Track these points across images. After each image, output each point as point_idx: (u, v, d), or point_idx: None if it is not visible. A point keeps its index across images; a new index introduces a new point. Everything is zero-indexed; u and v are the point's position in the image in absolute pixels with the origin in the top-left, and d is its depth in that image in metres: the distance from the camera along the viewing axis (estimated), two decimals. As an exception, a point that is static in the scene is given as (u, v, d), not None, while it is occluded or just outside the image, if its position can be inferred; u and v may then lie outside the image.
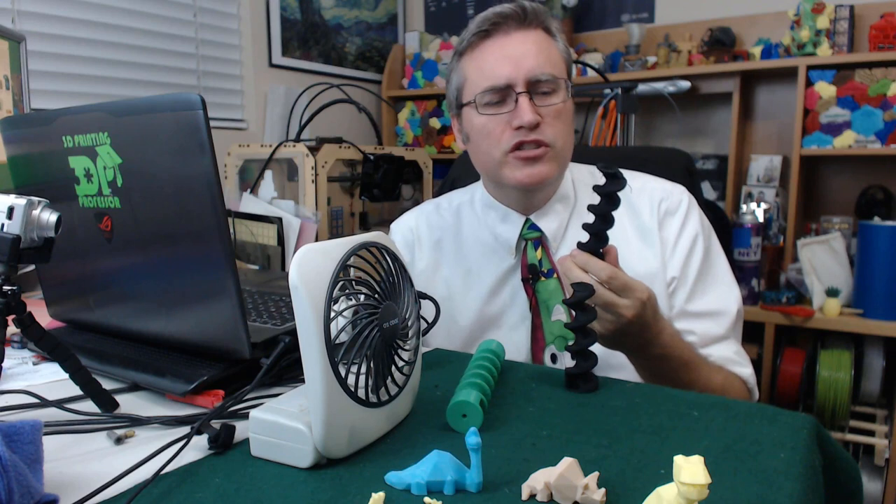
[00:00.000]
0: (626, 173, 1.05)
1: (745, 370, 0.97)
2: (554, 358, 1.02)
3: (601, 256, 0.78)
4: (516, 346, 1.02)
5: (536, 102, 0.96)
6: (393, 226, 1.20)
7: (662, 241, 1.00)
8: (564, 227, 1.03)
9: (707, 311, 0.98)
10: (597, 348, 0.76)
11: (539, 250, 1.03)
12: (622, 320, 0.79)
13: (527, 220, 1.04)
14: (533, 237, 1.03)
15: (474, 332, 1.06)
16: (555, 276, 1.02)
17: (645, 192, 1.03)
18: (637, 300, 0.78)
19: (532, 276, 1.03)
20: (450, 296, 1.08)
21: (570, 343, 0.76)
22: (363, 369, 0.55)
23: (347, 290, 0.56)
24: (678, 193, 1.03)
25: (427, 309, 0.83)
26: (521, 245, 1.04)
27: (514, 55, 0.96)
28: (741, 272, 2.09)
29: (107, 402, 0.67)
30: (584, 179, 1.08)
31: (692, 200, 1.04)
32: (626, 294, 0.78)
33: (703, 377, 0.90)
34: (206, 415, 0.61)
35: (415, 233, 1.15)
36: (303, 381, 0.55)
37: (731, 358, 0.96)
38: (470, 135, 1.02)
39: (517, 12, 0.97)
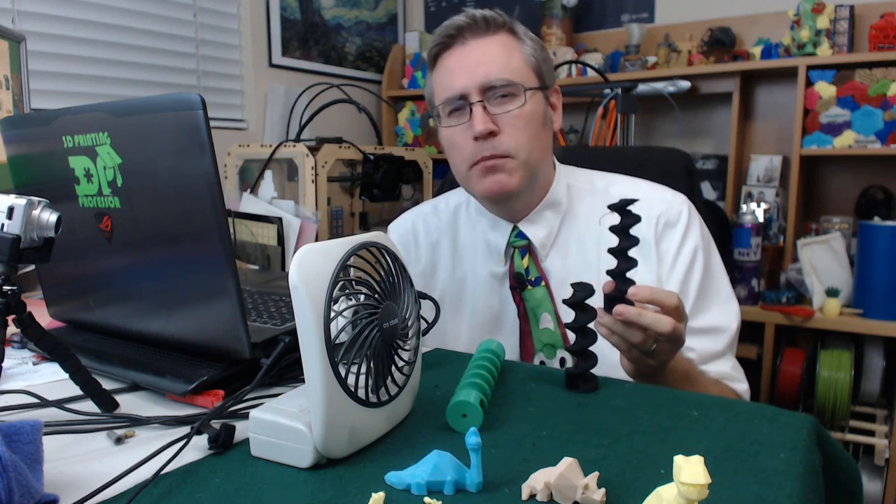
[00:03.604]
0: (625, 180, 1.05)
1: (742, 386, 0.96)
2: (543, 365, 1.01)
3: (626, 299, 0.73)
4: (506, 353, 1.01)
5: (493, 110, 0.94)
6: (390, 227, 1.19)
7: (660, 254, 0.98)
8: (555, 235, 1.02)
9: (707, 327, 0.96)
10: (595, 346, 0.76)
11: (526, 258, 1.01)
12: (673, 355, 0.78)
13: (514, 228, 1.02)
14: (520, 245, 1.02)
15: (469, 336, 1.06)
16: (542, 284, 1.00)
17: (643, 201, 0.99)
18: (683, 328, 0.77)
19: (518, 284, 1.01)
20: (445, 299, 1.07)
21: (571, 343, 0.76)
22: (363, 369, 0.55)
23: (347, 290, 0.56)
24: (678, 204, 1.00)
25: (427, 309, 0.83)
26: (509, 252, 1.03)
27: (469, 64, 0.95)
28: (741, 272, 2.09)
29: (107, 402, 0.67)
30: (580, 186, 1.05)
31: (692, 211, 1.01)
32: (683, 324, 0.76)
33: (701, 390, 0.88)
34: (206, 415, 0.61)
35: (412, 234, 1.15)
36: (303, 381, 0.55)
37: (729, 374, 0.95)
38: (443, 146, 1.03)
39: (471, 23, 0.96)
